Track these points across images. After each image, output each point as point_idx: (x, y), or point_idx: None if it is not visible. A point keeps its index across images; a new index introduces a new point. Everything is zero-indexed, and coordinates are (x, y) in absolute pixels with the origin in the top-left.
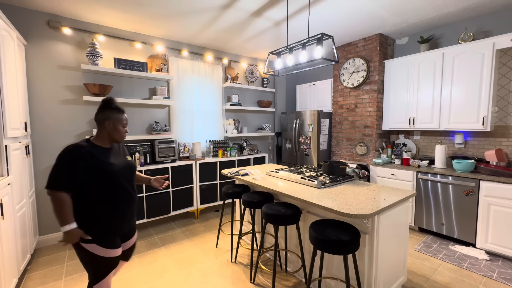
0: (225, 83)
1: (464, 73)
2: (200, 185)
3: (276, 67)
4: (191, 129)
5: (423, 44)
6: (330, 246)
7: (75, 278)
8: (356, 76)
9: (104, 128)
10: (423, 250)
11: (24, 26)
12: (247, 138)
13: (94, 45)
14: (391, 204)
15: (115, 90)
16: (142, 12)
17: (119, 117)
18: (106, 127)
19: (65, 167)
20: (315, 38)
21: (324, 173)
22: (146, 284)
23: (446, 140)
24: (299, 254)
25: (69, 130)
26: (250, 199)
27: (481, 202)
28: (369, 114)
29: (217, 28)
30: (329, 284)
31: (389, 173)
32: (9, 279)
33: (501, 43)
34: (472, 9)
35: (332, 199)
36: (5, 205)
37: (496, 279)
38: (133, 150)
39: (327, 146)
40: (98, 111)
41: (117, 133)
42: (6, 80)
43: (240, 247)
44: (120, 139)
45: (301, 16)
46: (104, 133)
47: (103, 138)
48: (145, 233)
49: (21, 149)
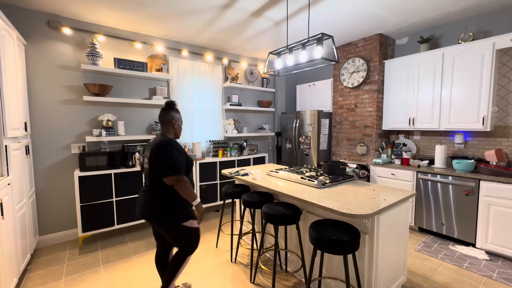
0: (225, 83)
1: (464, 73)
2: (200, 185)
3: (276, 67)
4: (191, 129)
5: (423, 44)
6: (330, 246)
7: (75, 278)
8: (356, 76)
9: (171, 126)
10: (423, 250)
11: (24, 26)
12: (247, 138)
13: (94, 45)
14: (391, 204)
15: (115, 90)
16: (142, 12)
17: (180, 117)
18: (173, 125)
19: (177, 155)
20: (315, 38)
21: (324, 173)
22: (146, 284)
23: (446, 140)
24: (299, 254)
25: (69, 130)
26: (250, 199)
27: (481, 202)
28: (369, 114)
29: (217, 28)
30: (329, 284)
31: (389, 173)
32: (9, 279)
33: (501, 43)
34: (472, 9)
35: (332, 199)
36: (5, 205)
37: (496, 279)
38: (133, 150)
39: (327, 146)
40: (164, 112)
41: (180, 130)
42: (6, 80)
43: (240, 247)
44: (180, 135)
45: (301, 16)
46: (171, 130)
47: (170, 135)
48: (145, 233)
49: (21, 149)
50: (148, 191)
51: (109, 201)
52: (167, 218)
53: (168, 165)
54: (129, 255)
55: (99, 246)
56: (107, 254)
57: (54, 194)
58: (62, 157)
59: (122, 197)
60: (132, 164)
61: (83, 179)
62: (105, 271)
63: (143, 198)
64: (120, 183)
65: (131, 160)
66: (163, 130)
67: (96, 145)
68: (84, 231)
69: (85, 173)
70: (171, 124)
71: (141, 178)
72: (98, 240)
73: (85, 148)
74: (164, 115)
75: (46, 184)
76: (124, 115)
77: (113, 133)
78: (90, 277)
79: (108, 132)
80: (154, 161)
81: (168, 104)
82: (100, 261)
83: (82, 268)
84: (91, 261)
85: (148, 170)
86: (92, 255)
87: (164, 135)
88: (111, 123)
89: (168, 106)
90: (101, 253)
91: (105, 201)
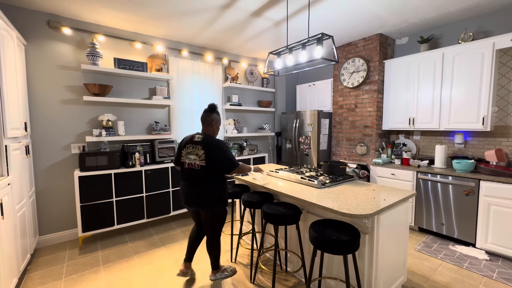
0: (225, 83)
1: (464, 73)
2: None
3: (276, 67)
4: (191, 129)
5: (423, 44)
6: (330, 246)
7: (75, 278)
8: (356, 76)
9: (210, 126)
10: (423, 250)
11: (24, 26)
12: (247, 138)
13: (94, 45)
14: (391, 204)
15: (115, 90)
16: (142, 12)
17: (220, 119)
18: (213, 126)
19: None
20: (315, 38)
21: (324, 173)
22: (146, 284)
23: (446, 140)
24: (299, 254)
25: (69, 130)
26: (250, 199)
27: (481, 202)
28: (369, 114)
29: (217, 28)
30: (329, 284)
31: (389, 173)
32: (9, 279)
33: (501, 43)
34: (472, 9)
35: (332, 199)
36: (5, 205)
37: (496, 279)
38: (133, 150)
39: (327, 146)
40: (206, 114)
41: (217, 131)
42: (6, 80)
43: (240, 247)
44: (217, 134)
45: (301, 16)
46: (211, 130)
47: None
48: (145, 233)
49: (21, 149)
50: (200, 183)
51: (109, 201)
52: (218, 204)
53: (229, 161)
54: (129, 255)
55: (99, 246)
56: (107, 254)
57: (54, 194)
58: (62, 157)
59: (122, 197)
60: (132, 164)
61: (83, 179)
62: (105, 271)
63: (193, 189)
64: (120, 183)
65: (131, 160)
66: (204, 129)
67: (96, 145)
68: (84, 231)
69: (85, 173)
70: (210, 125)
71: (140, 178)
72: (98, 240)
73: (85, 148)
74: (206, 116)
75: (46, 184)
76: (124, 115)
77: (113, 133)
78: (90, 277)
79: (108, 132)
80: (213, 159)
81: (211, 107)
82: (100, 261)
83: (82, 268)
84: (91, 261)
85: (203, 166)
86: (92, 255)
87: (207, 134)
88: (111, 123)
89: (211, 109)
90: (101, 253)
91: (105, 201)
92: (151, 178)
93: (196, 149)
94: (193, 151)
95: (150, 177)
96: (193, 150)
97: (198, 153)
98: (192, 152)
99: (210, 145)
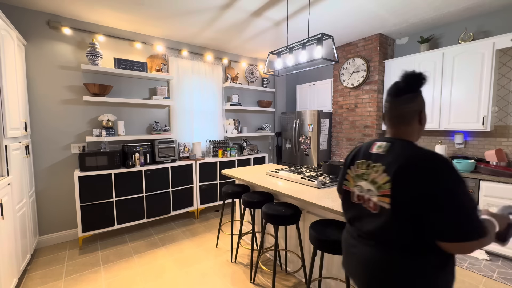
0: (225, 83)
1: (464, 73)
2: (200, 185)
3: (276, 67)
4: (191, 129)
5: (423, 44)
6: (330, 246)
7: (75, 278)
8: (356, 76)
9: (415, 123)
10: None
11: (24, 26)
12: (247, 138)
13: (94, 45)
14: None
15: (115, 90)
16: (142, 12)
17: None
18: (419, 121)
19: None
20: (315, 38)
21: (324, 173)
22: (146, 284)
23: (446, 140)
24: (299, 254)
25: (69, 130)
26: (250, 199)
27: (481, 202)
28: (369, 114)
29: (217, 28)
30: (329, 284)
31: None
32: (9, 279)
33: (501, 43)
34: (472, 9)
35: (332, 199)
36: (5, 205)
37: (496, 279)
38: (133, 150)
39: (327, 146)
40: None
41: (422, 131)
42: (6, 80)
43: (240, 247)
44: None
45: (301, 16)
46: (415, 131)
47: (412, 139)
48: (145, 233)
49: (21, 149)
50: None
51: (109, 201)
52: None
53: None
54: (129, 255)
55: (99, 246)
56: (107, 254)
57: (54, 194)
58: (62, 157)
59: (122, 197)
60: (132, 164)
61: (83, 179)
62: (105, 271)
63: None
64: (120, 183)
65: (131, 160)
66: (393, 130)
67: (96, 145)
68: (84, 231)
69: (85, 173)
70: (416, 120)
71: (140, 178)
72: (98, 240)
73: (85, 148)
74: (405, 103)
75: (46, 184)
76: (124, 115)
77: (113, 133)
78: (90, 277)
79: (108, 132)
80: (415, 200)
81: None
82: (100, 261)
83: (82, 268)
84: (91, 261)
85: (385, 209)
86: (92, 255)
87: (403, 140)
88: (111, 123)
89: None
90: (101, 253)
91: (105, 201)
92: (151, 178)
93: (372, 171)
94: (367, 173)
95: (150, 177)
96: (366, 172)
97: (377, 180)
98: (365, 174)
99: (409, 166)
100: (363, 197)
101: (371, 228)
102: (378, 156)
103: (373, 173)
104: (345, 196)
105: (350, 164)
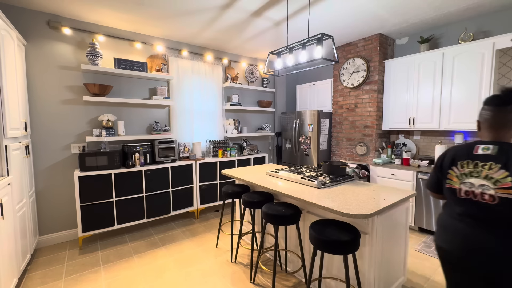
0: (225, 83)
1: (464, 73)
2: (200, 185)
3: (276, 67)
4: (191, 129)
5: (423, 44)
6: (330, 246)
7: (75, 278)
8: (356, 76)
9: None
10: (423, 250)
11: (24, 26)
12: (247, 138)
13: (94, 45)
14: (391, 204)
15: (115, 90)
16: (142, 12)
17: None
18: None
19: None
20: (315, 38)
21: (324, 173)
22: (146, 284)
23: (446, 140)
24: (299, 254)
25: (69, 130)
26: (250, 199)
27: None
28: (369, 114)
29: (217, 28)
30: (329, 284)
31: (389, 173)
32: (9, 279)
33: (501, 43)
34: (472, 9)
35: (332, 199)
36: (5, 205)
37: None
38: (133, 150)
39: (327, 146)
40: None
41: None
42: (6, 80)
43: (240, 247)
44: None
45: (301, 16)
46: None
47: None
48: (145, 233)
49: (21, 149)
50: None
51: (109, 201)
52: None
53: None
54: (129, 255)
55: (99, 246)
56: (107, 254)
57: (54, 194)
58: (62, 157)
59: (122, 197)
60: (132, 164)
61: (83, 179)
62: (105, 271)
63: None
64: (120, 183)
65: (131, 160)
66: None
67: (96, 145)
68: (84, 231)
69: (85, 173)
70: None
71: (140, 178)
72: (98, 240)
73: (85, 148)
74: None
75: (46, 184)
76: (124, 115)
77: (113, 133)
78: (90, 277)
79: (108, 132)
80: None
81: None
82: (100, 261)
83: (82, 268)
84: (91, 261)
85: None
86: (92, 255)
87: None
88: (111, 123)
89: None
90: (101, 253)
91: (105, 201)
92: (151, 178)
93: (484, 169)
94: (477, 171)
95: (150, 177)
96: (475, 170)
97: (493, 176)
98: (474, 172)
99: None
100: (473, 192)
101: (490, 215)
102: (487, 156)
103: (486, 171)
104: (450, 194)
105: (451, 165)
